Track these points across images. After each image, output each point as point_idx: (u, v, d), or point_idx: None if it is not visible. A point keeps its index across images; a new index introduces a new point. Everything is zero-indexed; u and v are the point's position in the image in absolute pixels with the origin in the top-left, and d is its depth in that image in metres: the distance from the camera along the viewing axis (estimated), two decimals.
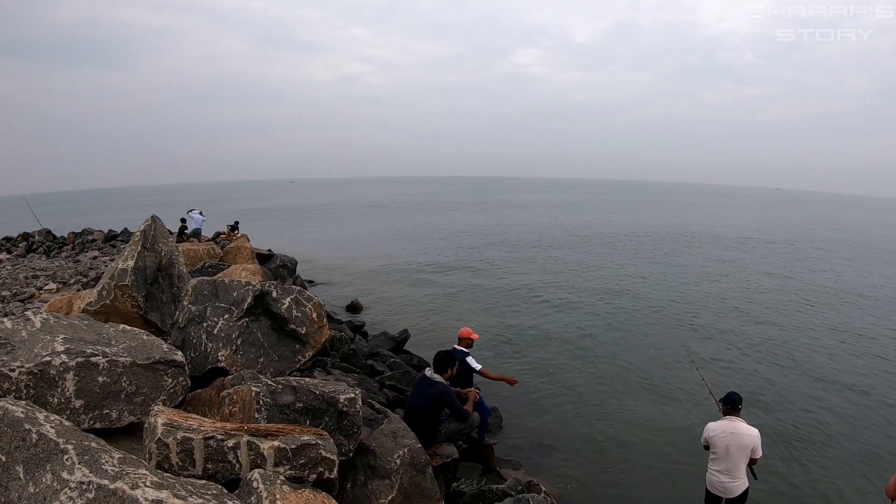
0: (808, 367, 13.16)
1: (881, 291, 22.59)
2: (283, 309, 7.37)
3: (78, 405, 4.60)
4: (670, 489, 8.08)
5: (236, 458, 3.86)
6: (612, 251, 32.06)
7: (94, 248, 24.84)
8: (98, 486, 2.71)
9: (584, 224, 49.86)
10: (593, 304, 19.40)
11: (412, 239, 37.01)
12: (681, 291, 21.38)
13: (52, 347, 4.67)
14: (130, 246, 8.00)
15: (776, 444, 9.29)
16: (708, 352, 14.13)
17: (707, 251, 32.64)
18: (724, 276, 24.66)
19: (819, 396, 11.43)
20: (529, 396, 11.11)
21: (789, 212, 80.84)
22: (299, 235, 39.20)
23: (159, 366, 5.20)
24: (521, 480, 7.27)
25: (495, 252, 30.93)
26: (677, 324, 16.94)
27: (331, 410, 5.13)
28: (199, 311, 7.18)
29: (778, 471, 8.58)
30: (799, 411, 10.69)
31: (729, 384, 11.43)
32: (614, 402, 10.98)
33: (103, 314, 7.39)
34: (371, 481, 5.35)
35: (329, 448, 4.21)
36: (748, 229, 48.69)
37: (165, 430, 3.72)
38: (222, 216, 37.09)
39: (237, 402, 5.12)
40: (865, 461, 9.01)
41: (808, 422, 10.25)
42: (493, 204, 75.45)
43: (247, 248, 18.82)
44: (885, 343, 15.37)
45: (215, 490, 3.02)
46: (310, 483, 4.07)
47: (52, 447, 2.88)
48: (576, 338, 15.29)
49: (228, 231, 26.31)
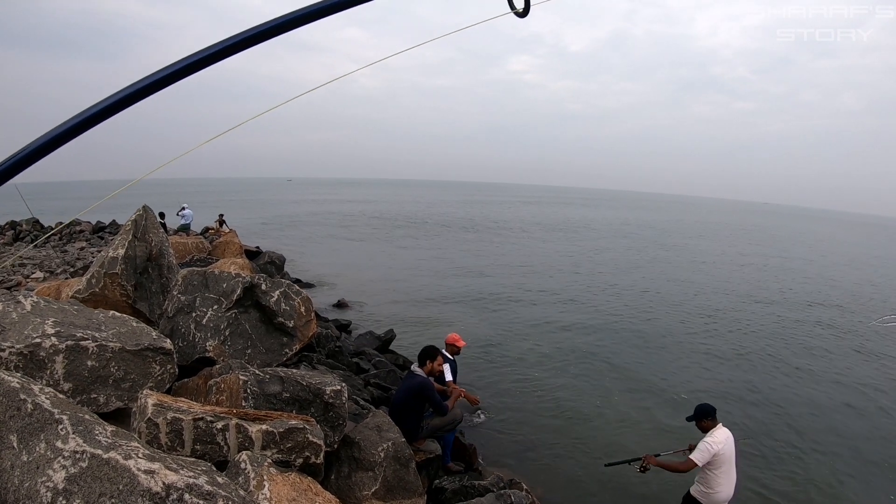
0: (775, 366, 13.37)
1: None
2: (271, 302, 7.42)
3: (66, 388, 4.63)
4: (652, 487, 8.17)
5: (224, 440, 3.92)
6: (595, 260, 32.31)
7: (82, 238, 24.68)
8: (91, 455, 2.76)
9: (565, 224, 50.35)
10: (579, 304, 19.62)
11: (401, 242, 37.07)
12: (660, 297, 21.67)
13: (43, 330, 4.70)
14: (121, 235, 8.02)
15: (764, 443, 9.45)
16: (683, 352, 14.35)
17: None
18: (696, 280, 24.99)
19: (796, 395, 11.62)
20: (512, 396, 11.20)
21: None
22: (288, 234, 39.14)
23: (148, 352, 5.23)
24: (503, 478, 7.34)
25: (483, 257, 31.12)
26: (660, 325, 17.17)
27: (317, 401, 5.19)
28: (189, 301, 7.22)
29: (760, 471, 8.72)
30: (773, 412, 10.86)
31: (695, 386, 11.76)
32: (597, 403, 11.09)
33: (92, 302, 7.39)
34: (355, 473, 5.42)
35: (316, 433, 4.28)
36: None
37: (155, 410, 3.78)
38: (217, 209, 36.85)
39: (224, 390, 5.18)
40: (846, 458, 9.21)
41: (782, 421, 10.44)
42: (482, 219, 75.51)
43: (236, 243, 18.81)
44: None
45: (205, 466, 3.07)
46: (296, 467, 4.13)
47: (47, 417, 2.93)
48: (558, 339, 15.44)
49: (217, 226, 26.29)
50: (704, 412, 6.06)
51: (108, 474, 2.72)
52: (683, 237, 50.27)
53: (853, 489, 8.50)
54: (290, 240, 35.19)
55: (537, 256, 32.39)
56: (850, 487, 8.54)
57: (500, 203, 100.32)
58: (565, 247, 37.08)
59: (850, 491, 8.45)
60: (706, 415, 6.05)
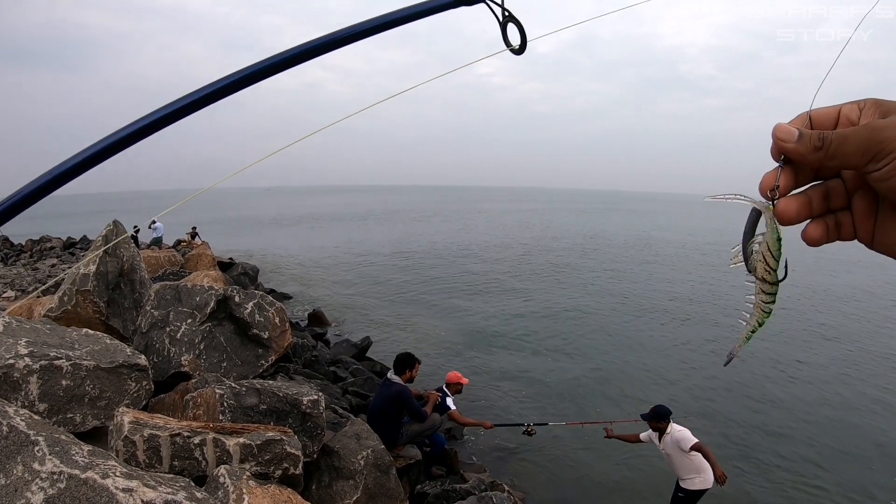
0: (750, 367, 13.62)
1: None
2: (245, 313, 7.41)
3: (42, 409, 4.60)
4: (634, 486, 8.29)
5: (202, 455, 3.93)
6: (572, 259, 32.57)
7: (53, 255, 24.34)
8: (69, 475, 2.78)
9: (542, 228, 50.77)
10: (558, 306, 19.81)
11: (373, 249, 37.04)
12: (636, 296, 21.92)
13: (16, 350, 4.66)
14: (92, 251, 7.96)
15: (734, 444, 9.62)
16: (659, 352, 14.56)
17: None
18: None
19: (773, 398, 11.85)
20: (492, 400, 11.27)
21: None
22: (260, 244, 38.86)
23: (123, 370, 5.21)
24: (485, 480, 7.39)
25: (455, 260, 31.25)
26: (638, 326, 17.38)
27: (294, 412, 5.21)
28: (162, 316, 7.19)
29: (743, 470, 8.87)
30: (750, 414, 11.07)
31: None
32: (577, 405, 11.19)
33: (65, 320, 7.32)
34: (336, 482, 5.44)
35: (294, 444, 4.31)
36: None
37: (132, 428, 3.78)
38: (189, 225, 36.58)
39: (201, 404, 5.18)
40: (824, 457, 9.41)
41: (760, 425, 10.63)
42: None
43: (208, 255, 18.70)
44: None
45: (183, 482, 3.10)
46: (276, 479, 4.16)
47: (23, 439, 2.93)
48: (537, 341, 15.57)
49: (189, 238, 26.06)
50: (661, 414, 6.22)
51: (87, 494, 2.73)
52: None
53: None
54: (263, 250, 34.95)
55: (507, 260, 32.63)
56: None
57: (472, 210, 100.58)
58: (551, 264, 37.29)
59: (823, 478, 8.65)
60: (662, 417, 6.21)
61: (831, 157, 0.62)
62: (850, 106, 0.66)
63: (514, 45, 1.05)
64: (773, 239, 0.68)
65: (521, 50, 1.04)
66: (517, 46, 1.04)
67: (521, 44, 1.04)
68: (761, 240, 0.69)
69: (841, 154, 0.62)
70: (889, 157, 0.58)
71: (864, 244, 0.69)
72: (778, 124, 0.66)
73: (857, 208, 0.68)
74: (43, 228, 40.03)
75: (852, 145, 0.61)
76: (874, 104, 0.64)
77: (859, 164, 0.61)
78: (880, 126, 0.59)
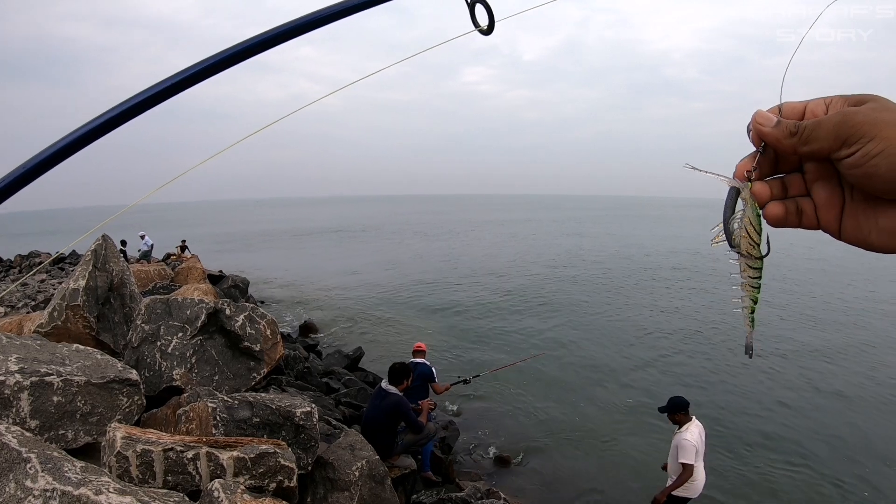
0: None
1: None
2: (236, 326, 7.38)
3: (33, 425, 4.56)
4: (630, 490, 8.30)
5: (196, 470, 3.91)
6: (560, 263, 32.64)
7: (42, 270, 24.10)
8: (62, 492, 2.76)
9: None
10: (547, 311, 19.86)
11: (362, 260, 37.05)
12: (629, 299, 21.99)
13: (6, 367, 4.63)
14: (81, 266, 7.91)
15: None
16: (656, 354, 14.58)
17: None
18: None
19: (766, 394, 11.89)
20: (487, 409, 11.26)
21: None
22: (249, 258, 38.78)
23: (114, 385, 5.17)
24: (481, 489, 7.37)
25: (443, 268, 31.34)
26: (634, 329, 17.42)
27: (288, 424, 5.19)
28: (153, 330, 7.14)
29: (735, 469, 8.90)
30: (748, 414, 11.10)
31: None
32: (572, 413, 11.18)
33: (55, 335, 7.27)
34: (331, 494, 5.41)
35: (287, 456, 4.29)
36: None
37: (125, 443, 3.76)
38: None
39: (194, 418, 5.15)
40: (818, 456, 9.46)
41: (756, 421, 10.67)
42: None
43: (198, 268, 18.64)
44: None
45: (177, 497, 3.08)
46: (270, 492, 4.13)
47: (15, 456, 2.91)
48: (528, 346, 15.57)
49: (179, 252, 25.94)
50: (678, 405, 6.07)
51: None
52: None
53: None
54: (253, 262, 34.87)
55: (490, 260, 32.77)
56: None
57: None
58: (536, 268, 37.32)
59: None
60: (680, 408, 6.06)
61: (805, 141, 0.66)
62: (817, 101, 0.70)
63: (483, 25, 1.07)
64: (754, 214, 0.72)
65: (490, 30, 1.07)
66: (485, 27, 1.07)
67: (490, 24, 1.06)
68: (741, 216, 0.73)
69: (814, 139, 0.65)
70: (860, 142, 0.61)
71: (830, 235, 0.72)
72: (758, 110, 0.70)
73: (818, 198, 0.71)
74: (32, 244, 39.96)
75: (825, 129, 0.64)
76: (842, 99, 0.67)
77: (833, 149, 0.64)
78: (852, 112, 0.63)
